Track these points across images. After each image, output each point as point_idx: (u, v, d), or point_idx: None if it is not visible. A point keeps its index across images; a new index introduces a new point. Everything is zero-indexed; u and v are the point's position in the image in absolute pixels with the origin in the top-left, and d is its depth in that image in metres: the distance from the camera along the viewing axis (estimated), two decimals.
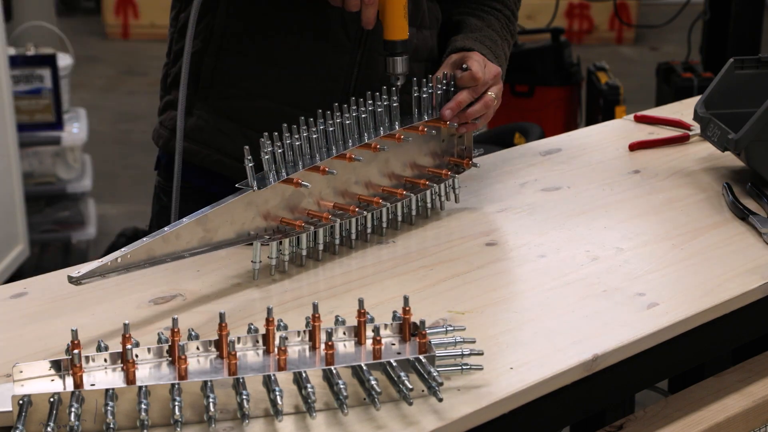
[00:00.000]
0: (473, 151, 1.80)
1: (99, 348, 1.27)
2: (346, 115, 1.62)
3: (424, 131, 1.70)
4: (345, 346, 1.33)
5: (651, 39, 7.54)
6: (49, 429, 1.15)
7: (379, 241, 1.69)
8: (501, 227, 1.76)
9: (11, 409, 1.18)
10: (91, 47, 7.34)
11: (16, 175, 3.91)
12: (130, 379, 1.21)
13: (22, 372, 1.23)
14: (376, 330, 1.28)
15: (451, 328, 1.34)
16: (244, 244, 1.55)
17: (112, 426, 1.15)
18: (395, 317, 1.35)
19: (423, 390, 1.26)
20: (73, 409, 1.15)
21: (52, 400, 1.17)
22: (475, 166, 1.80)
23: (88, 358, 1.25)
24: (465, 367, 1.29)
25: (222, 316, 1.27)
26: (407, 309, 1.33)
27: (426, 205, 1.76)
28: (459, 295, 1.52)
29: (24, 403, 1.17)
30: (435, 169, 1.76)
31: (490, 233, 1.73)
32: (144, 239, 1.44)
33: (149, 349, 1.27)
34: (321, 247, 1.62)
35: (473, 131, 1.79)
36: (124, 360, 1.23)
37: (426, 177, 1.75)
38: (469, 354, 1.30)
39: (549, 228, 1.74)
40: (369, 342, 1.32)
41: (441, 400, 1.23)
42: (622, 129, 2.23)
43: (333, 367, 1.24)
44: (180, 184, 1.72)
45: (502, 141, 3.82)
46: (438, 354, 1.29)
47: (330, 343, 1.26)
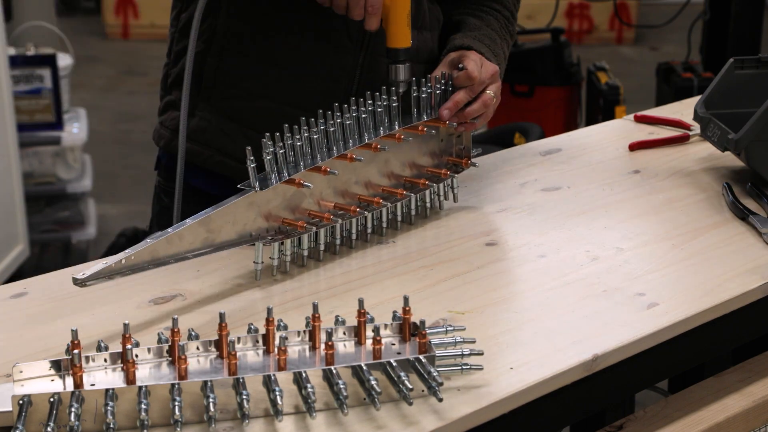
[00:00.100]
0: (472, 151, 1.80)
1: (99, 348, 1.27)
2: (346, 116, 1.62)
3: (423, 131, 1.70)
4: (345, 346, 1.33)
5: (651, 39, 7.54)
6: (49, 429, 1.15)
7: (379, 241, 1.69)
8: (501, 227, 1.76)
9: (11, 409, 1.18)
10: (91, 47, 7.33)
11: (16, 175, 3.91)
12: (130, 379, 1.21)
13: (22, 372, 1.23)
14: (376, 330, 1.28)
15: (451, 328, 1.34)
16: (245, 245, 1.55)
17: (112, 426, 1.15)
18: (395, 317, 1.35)
19: (423, 390, 1.26)
20: (73, 409, 1.15)
21: (52, 400, 1.17)
22: (474, 165, 1.80)
23: (88, 358, 1.25)
24: (465, 367, 1.29)
25: (222, 316, 1.27)
26: (407, 309, 1.33)
27: (425, 205, 1.76)
28: (459, 295, 1.52)
29: (24, 403, 1.17)
30: (434, 169, 1.76)
31: (490, 233, 1.73)
32: (147, 240, 1.44)
33: (149, 349, 1.27)
34: (322, 248, 1.62)
35: (472, 131, 1.79)
36: (124, 360, 1.23)
37: (425, 177, 1.75)
38: (469, 354, 1.30)
39: (549, 228, 1.74)
40: (369, 342, 1.32)
41: (441, 400, 1.23)
42: (622, 129, 2.23)
43: (333, 367, 1.24)
44: (179, 183, 1.72)
45: (502, 141, 3.82)
46: (438, 354, 1.29)
47: (330, 343, 1.26)
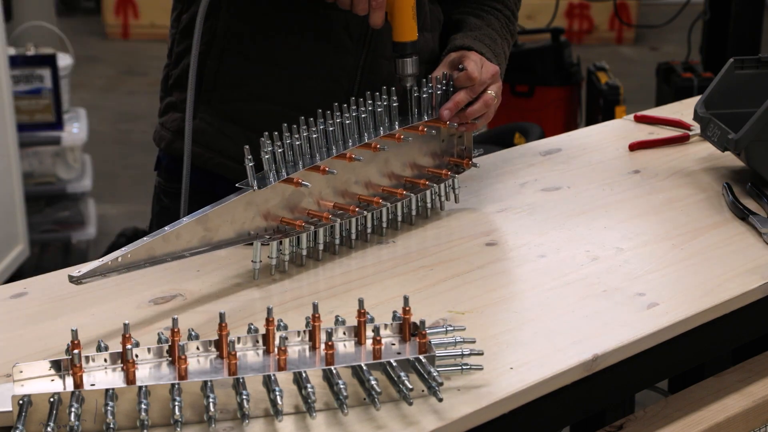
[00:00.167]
0: (473, 151, 1.80)
1: (99, 348, 1.27)
2: (346, 115, 1.62)
3: (423, 131, 1.70)
4: (345, 346, 1.33)
5: (651, 39, 7.54)
6: (49, 429, 1.15)
7: (379, 241, 1.69)
8: (501, 227, 1.76)
9: (11, 409, 1.18)
10: (91, 47, 7.33)
11: (16, 175, 3.91)
12: (130, 379, 1.21)
13: (22, 372, 1.23)
14: (376, 330, 1.28)
15: (451, 328, 1.34)
16: (244, 243, 1.55)
17: (112, 426, 1.15)
18: (395, 317, 1.35)
19: (423, 390, 1.26)
20: (73, 409, 1.15)
21: (52, 400, 1.17)
22: (475, 166, 1.80)
23: (88, 358, 1.25)
24: (465, 367, 1.29)
25: (222, 316, 1.27)
26: (407, 309, 1.32)
27: (426, 205, 1.76)
28: (459, 295, 1.52)
29: (24, 403, 1.17)
30: (435, 169, 1.76)
31: (490, 233, 1.73)
32: (144, 239, 1.44)
33: (149, 349, 1.27)
34: (321, 247, 1.61)
35: (473, 131, 1.79)
36: (124, 360, 1.23)
37: (426, 177, 1.75)
38: (469, 354, 1.30)
39: (549, 228, 1.74)
40: (369, 342, 1.32)
41: (441, 400, 1.23)
42: (622, 129, 2.23)
43: (333, 367, 1.24)
44: (185, 186, 1.73)
45: (502, 141, 3.82)
46: (438, 354, 1.29)
47: (330, 343, 1.26)
